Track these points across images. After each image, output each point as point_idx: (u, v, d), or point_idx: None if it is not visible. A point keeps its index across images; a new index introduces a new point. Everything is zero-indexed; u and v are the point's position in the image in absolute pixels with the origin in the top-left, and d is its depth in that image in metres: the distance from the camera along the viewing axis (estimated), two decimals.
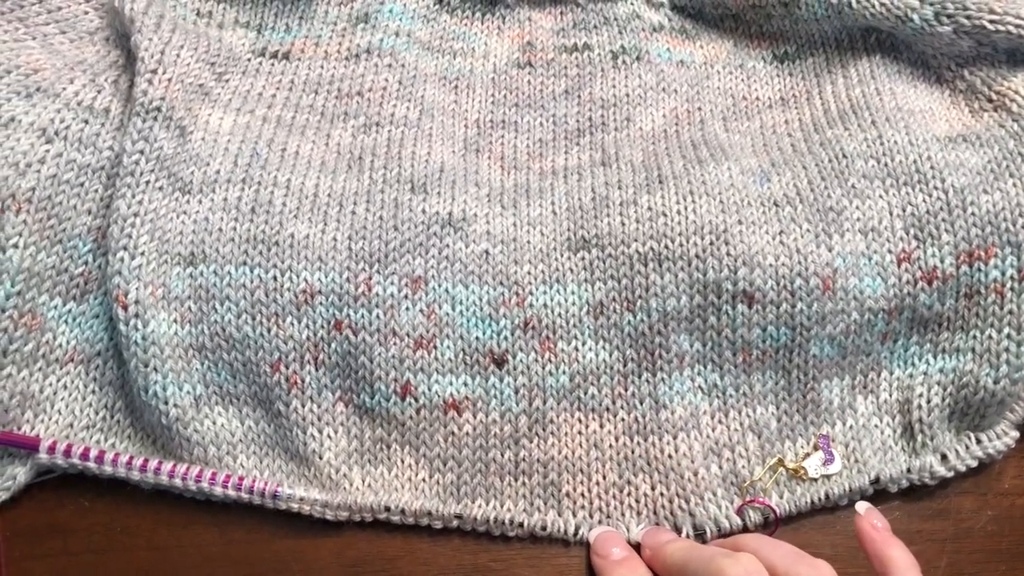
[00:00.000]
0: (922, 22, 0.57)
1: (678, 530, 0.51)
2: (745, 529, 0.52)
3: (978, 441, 0.53)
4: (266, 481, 0.51)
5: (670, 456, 0.52)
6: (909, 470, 0.52)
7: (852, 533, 0.52)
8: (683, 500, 0.52)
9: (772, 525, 0.52)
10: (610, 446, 0.53)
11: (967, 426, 0.54)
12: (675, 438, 0.53)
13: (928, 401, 0.54)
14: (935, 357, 0.54)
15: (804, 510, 0.52)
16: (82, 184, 0.54)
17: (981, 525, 0.53)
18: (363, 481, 0.52)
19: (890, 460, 0.53)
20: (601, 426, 0.53)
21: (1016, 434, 0.53)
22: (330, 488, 0.52)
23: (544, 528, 0.51)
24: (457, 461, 0.52)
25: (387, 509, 0.51)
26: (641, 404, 0.53)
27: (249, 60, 0.61)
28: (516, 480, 0.52)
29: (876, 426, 0.54)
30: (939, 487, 0.53)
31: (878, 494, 0.53)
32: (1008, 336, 0.52)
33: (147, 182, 0.53)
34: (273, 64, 0.61)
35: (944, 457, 0.53)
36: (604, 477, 0.52)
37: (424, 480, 0.52)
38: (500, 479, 0.52)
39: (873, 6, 0.58)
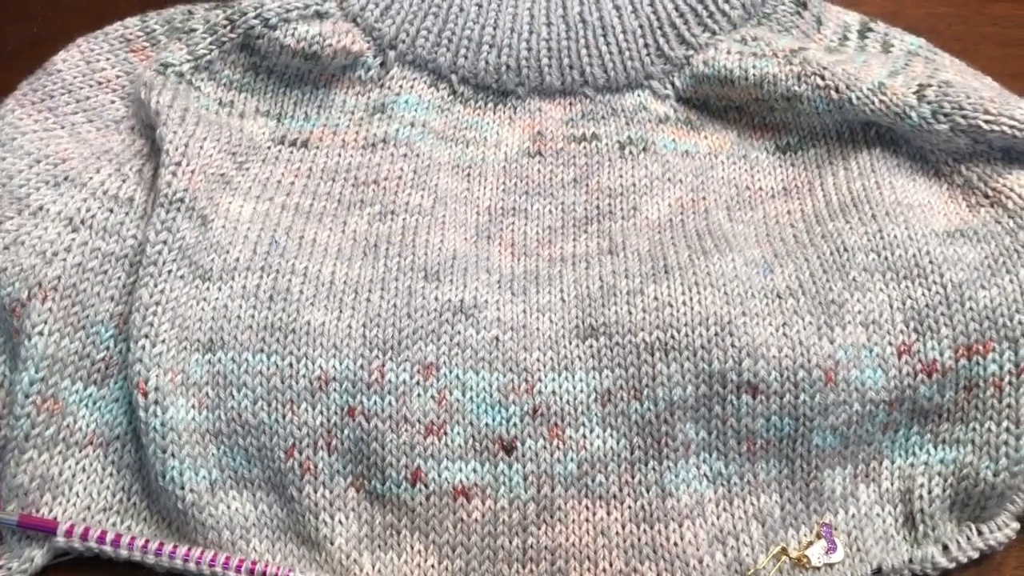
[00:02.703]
0: (920, 119, 0.59)
1: None
2: None
3: (979, 532, 0.54)
4: (278, 566, 0.52)
5: (676, 544, 0.53)
6: (911, 560, 0.53)
7: None
8: None
9: None
10: (617, 533, 0.53)
11: (968, 516, 0.55)
12: (681, 526, 0.53)
13: (929, 491, 0.55)
14: (935, 448, 0.55)
15: None
16: (106, 272, 0.56)
17: None
18: (373, 567, 0.53)
19: (892, 549, 0.54)
20: (608, 513, 0.54)
21: (1017, 525, 0.54)
22: (340, 573, 0.52)
23: None
24: (466, 548, 0.53)
25: None
26: (648, 492, 0.54)
27: (269, 148, 0.63)
28: (524, 567, 0.53)
29: (878, 515, 0.55)
30: None
31: None
32: (1007, 429, 0.53)
33: (169, 271, 0.55)
34: (292, 152, 0.63)
35: (946, 548, 0.53)
36: (611, 564, 0.53)
37: (433, 567, 0.53)
38: (508, 566, 0.53)
39: (872, 103, 0.60)
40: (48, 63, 0.63)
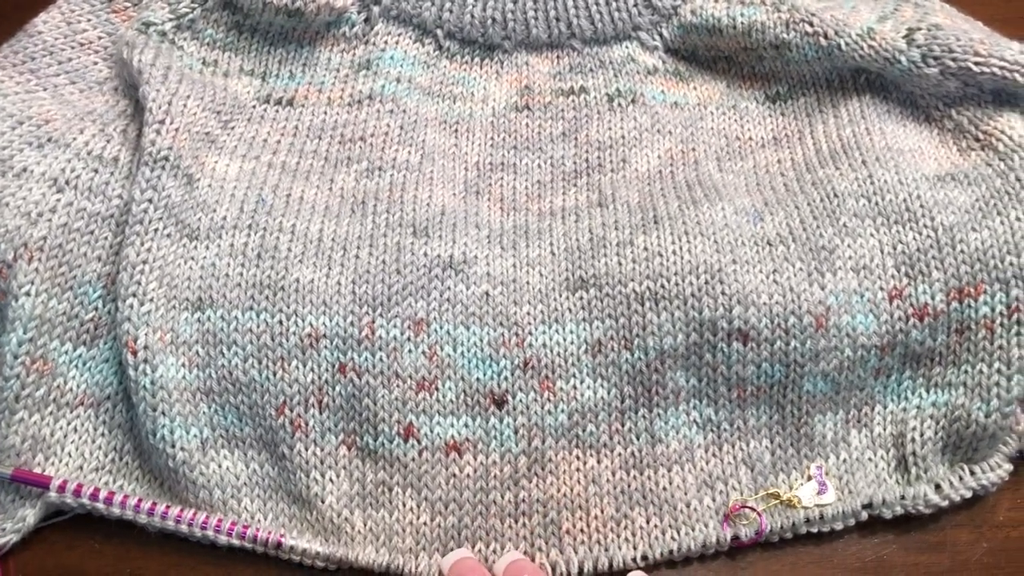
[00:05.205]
0: (909, 64, 0.58)
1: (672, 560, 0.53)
2: (736, 539, 0.52)
3: (972, 472, 0.54)
4: (269, 530, 0.52)
5: (664, 488, 0.53)
6: (903, 497, 0.53)
7: (850, 567, 0.53)
8: (675, 531, 0.53)
9: (759, 531, 0.52)
10: (607, 480, 0.54)
11: (960, 459, 0.55)
12: (669, 471, 0.54)
13: (921, 434, 0.55)
14: (927, 391, 0.55)
15: (799, 530, 0.53)
16: (92, 232, 0.56)
17: (977, 558, 0.54)
18: (364, 525, 0.53)
19: (885, 492, 0.54)
20: (599, 462, 0.54)
21: (1010, 467, 0.54)
22: (331, 531, 0.52)
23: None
24: (458, 504, 0.53)
25: (388, 568, 0.51)
26: (637, 439, 0.54)
27: (254, 107, 0.63)
28: (516, 522, 0.53)
29: (870, 459, 0.55)
30: (934, 520, 0.54)
31: (874, 525, 0.54)
32: (998, 371, 0.53)
33: (155, 230, 0.55)
34: (277, 111, 0.63)
35: (938, 487, 0.53)
36: (602, 511, 0.53)
37: (425, 523, 0.53)
38: (500, 521, 0.53)
39: (862, 48, 0.59)
40: (29, 25, 0.62)
